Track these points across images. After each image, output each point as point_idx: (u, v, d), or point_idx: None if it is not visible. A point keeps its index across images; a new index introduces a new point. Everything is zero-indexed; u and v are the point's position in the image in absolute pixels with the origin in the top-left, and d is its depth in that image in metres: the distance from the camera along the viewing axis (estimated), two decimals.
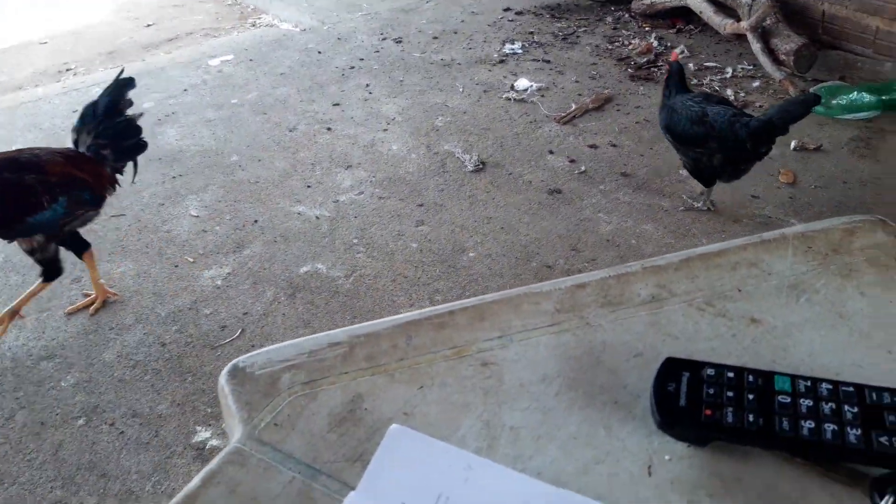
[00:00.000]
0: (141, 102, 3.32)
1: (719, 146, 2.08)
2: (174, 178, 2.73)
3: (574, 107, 3.07)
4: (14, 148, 2.11)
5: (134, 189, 2.67)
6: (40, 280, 2.00)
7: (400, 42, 3.85)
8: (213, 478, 0.51)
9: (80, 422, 1.77)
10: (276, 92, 3.35)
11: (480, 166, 2.70)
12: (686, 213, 2.38)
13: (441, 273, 2.20)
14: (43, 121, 3.25)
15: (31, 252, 1.95)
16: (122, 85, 2.05)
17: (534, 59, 3.57)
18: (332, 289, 2.15)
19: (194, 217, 2.50)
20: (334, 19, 4.20)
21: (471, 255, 2.28)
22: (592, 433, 0.54)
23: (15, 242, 1.96)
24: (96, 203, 2.00)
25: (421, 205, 2.52)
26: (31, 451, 1.71)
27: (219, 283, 2.19)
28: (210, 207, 2.55)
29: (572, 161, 2.73)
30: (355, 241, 2.36)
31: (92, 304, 2.11)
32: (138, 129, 2.09)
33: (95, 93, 3.45)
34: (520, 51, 3.66)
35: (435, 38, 3.89)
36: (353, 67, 3.57)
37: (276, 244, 2.35)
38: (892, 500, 0.47)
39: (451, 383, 0.58)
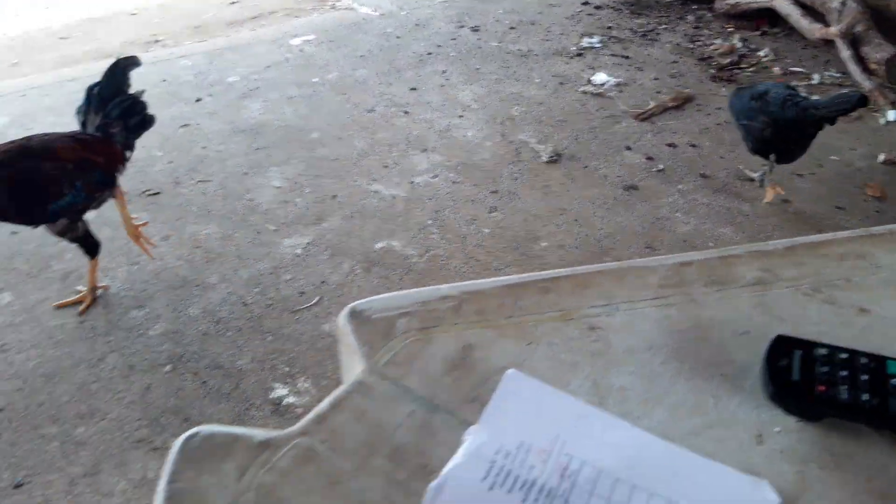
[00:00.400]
0: (226, 76, 3.48)
1: (771, 121, 2.18)
2: (257, 149, 2.85)
3: (653, 104, 3.05)
4: None
5: (219, 157, 2.81)
6: (88, 259, 2.05)
7: (477, 30, 3.89)
8: (340, 403, 0.57)
9: (167, 369, 1.89)
10: (355, 73, 3.44)
11: (555, 157, 2.72)
12: (767, 219, 2.35)
13: (513, 260, 2.24)
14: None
15: (61, 235, 1.98)
16: (126, 64, 2.06)
17: (612, 54, 3.55)
18: (406, 266, 2.22)
19: (276, 188, 2.61)
20: (412, 5, 4.27)
21: (543, 244, 2.31)
22: (701, 401, 0.56)
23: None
24: (109, 184, 2.02)
25: (495, 191, 2.56)
26: (121, 391, 1.83)
27: (298, 251, 2.29)
28: (291, 180, 2.65)
29: (650, 158, 2.71)
30: (429, 222, 2.42)
31: (81, 301, 2.10)
32: (143, 106, 2.08)
33: (183, 65, 3.66)
34: (598, 45, 3.65)
35: (512, 28, 3.90)
36: (430, 53, 3.63)
37: (353, 219, 2.43)
38: None
39: (558, 343, 0.62)
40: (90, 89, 2.01)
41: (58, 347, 1.97)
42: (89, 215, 2.04)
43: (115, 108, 2.01)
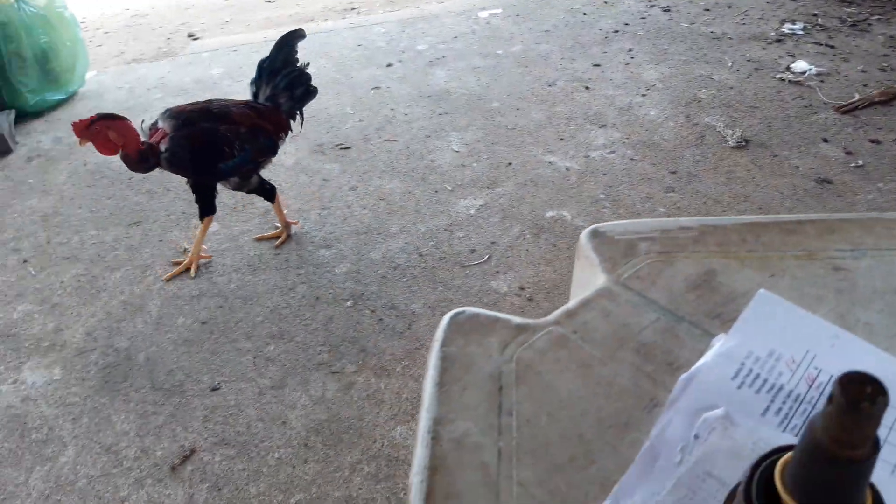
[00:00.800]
0: (416, 44, 3.64)
1: None
2: (440, 115, 2.97)
3: (858, 97, 2.81)
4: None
5: (405, 119, 2.97)
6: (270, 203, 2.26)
7: (668, 11, 3.77)
8: (588, 304, 0.62)
9: (348, 304, 2.05)
10: (538, 47, 3.47)
11: (743, 143, 2.60)
12: None
13: None
14: (332, 50, 3.69)
15: (236, 189, 2.17)
16: (293, 38, 2.15)
17: (815, 43, 3.30)
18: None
19: (455, 152, 2.72)
20: None
21: None
22: None
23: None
24: (274, 150, 2.15)
25: (674, 172, 2.50)
26: (307, 318, 2.02)
27: (472, 212, 2.38)
28: (470, 145, 2.75)
29: (849, 153, 2.52)
30: (602, 196, 2.41)
31: (188, 268, 2.22)
32: (308, 77, 2.19)
33: (377, 31, 3.88)
34: (800, 32, 3.40)
35: (707, 9, 3.74)
36: (616, 31, 3.57)
37: (525, 187, 2.49)
38: None
39: (802, 277, 0.63)
40: (261, 63, 2.14)
41: (255, 274, 2.20)
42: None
43: (283, 79, 2.14)
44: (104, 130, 1.88)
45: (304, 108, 2.26)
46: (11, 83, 3.15)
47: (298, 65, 2.18)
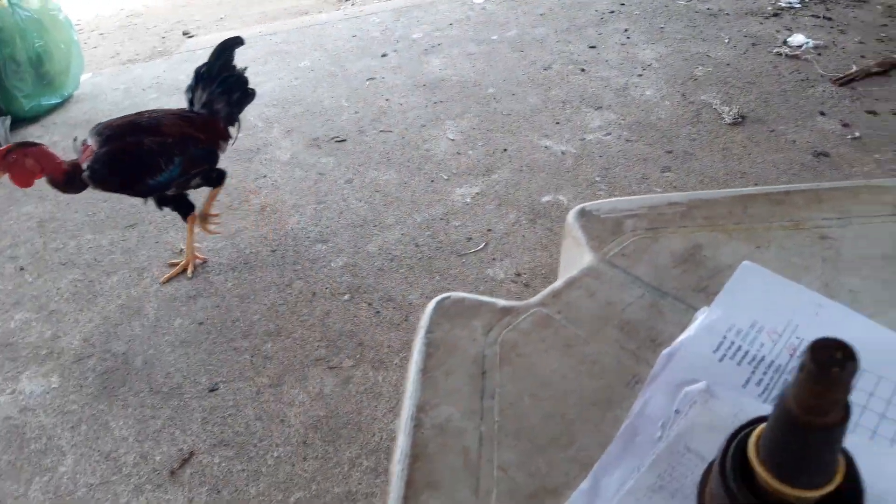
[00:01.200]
0: (411, 33, 3.62)
1: None
2: (435, 103, 2.96)
3: (855, 68, 2.78)
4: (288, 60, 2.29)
5: (400, 109, 2.95)
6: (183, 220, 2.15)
7: None
8: (573, 283, 0.61)
9: (345, 297, 2.05)
10: (534, 31, 3.44)
11: (739, 120, 2.57)
12: None
13: None
14: (327, 42, 3.67)
15: (161, 204, 2.08)
16: (231, 44, 2.10)
17: (813, 15, 3.27)
18: None
19: (451, 140, 2.71)
20: None
21: None
22: None
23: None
24: (211, 159, 2.08)
25: (670, 151, 2.48)
26: (304, 314, 2.02)
27: (468, 200, 2.37)
28: (465, 133, 2.73)
29: (846, 125, 2.49)
30: (597, 178, 2.40)
31: (184, 269, 2.20)
32: (245, 81, 2.13)
33: (372, 21, 3.85)
34: (797, 5, 3.37)
35: None
36: (612, 12, 3.54)
37: (521, 173, 2.47)
38: None
39: (788, 247, 0.61)
40: (198, 70, 2.08)
41: (252, 272, 2.19)
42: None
43: (220, 84, 2.07)
44: (21, 159, 1.83)
45: (241, 113, 2.16)
46: (7, 88, 3.14)
47: (237, 69, 2.11)
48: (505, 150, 2.61)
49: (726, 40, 3.12)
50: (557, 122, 2.72)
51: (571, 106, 2.81)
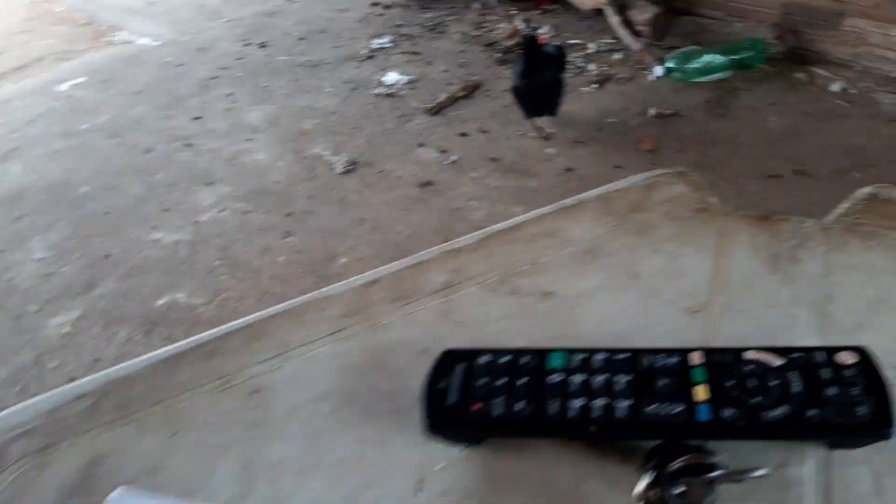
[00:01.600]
0: None
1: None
2: (16, 219, 2.50)
3: (443, 96, 3.00)
4: None
5: None
6: None
7: (265, 46, 3.69)
8: None
9: None
10: (130, 112, 3.14)
11: (351, 167, 2.60)
12: (553, 190, 2.35)
13: (311, 285, 2.08)
14: None
15: None
16: None
17: (402, 52, 3.49)
18: (192, 318, 2.01)
19: (39, 260, 2.29)
20: (195, 29, 3.99)
21: (342, 260, 2.17)
22: (363, 453, 0.46)
23: None
24: None
25: (289, 214, 2.39)
26: None
27: (66, 329, 2.01)
28: (57, 247, 2.34)
29: (443, 151, 2.66)
30: (217, 262, 2.21)
31: None
32: None
33: None
34: (389, 44, 3.57)
35: (301, 38, 3.74)
36: (214, 77, 3.39)
37: (130, 278, 2.18)
38: (652, 471, 0.40)
39: (211, 422, 0.49)
40: None
41: None
42: None
43: None
44: None
45: None
46: None
47: None
48: (107, 255, 2.28)
49: (329, 89, 3.17)
50: (166, 210, 2.48)
51: (180, 188, 2.59)
